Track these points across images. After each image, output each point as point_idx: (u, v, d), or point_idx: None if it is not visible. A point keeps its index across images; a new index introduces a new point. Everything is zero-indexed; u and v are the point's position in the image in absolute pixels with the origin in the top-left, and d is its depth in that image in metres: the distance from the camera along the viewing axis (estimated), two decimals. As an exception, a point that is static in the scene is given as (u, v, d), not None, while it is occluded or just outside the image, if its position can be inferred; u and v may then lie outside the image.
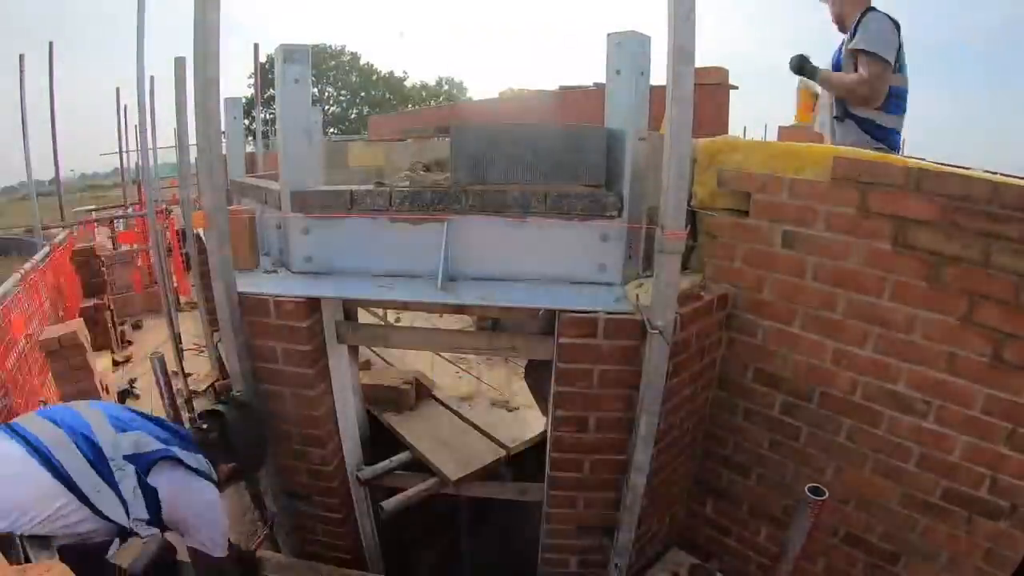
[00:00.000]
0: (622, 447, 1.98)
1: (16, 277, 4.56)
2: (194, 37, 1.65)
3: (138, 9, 3.63)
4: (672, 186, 1.53)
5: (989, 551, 1.80)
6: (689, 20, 1.39)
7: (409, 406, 2.64)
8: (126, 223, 10.84)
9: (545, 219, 2.02)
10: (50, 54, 8.32)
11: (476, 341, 2.35)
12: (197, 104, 1.72)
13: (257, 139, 10.45)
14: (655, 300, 1.64)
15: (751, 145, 2.16)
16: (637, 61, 1.91)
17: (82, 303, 6.34)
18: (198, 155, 1.83)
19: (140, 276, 7.88)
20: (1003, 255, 1.60)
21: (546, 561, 2.29)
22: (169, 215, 8.69)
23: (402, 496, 2.31)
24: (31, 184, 7.55)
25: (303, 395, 2.13)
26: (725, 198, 2.12)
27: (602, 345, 1.86)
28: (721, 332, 2.16)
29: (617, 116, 1.98)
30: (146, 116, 4.35)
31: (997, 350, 1.66)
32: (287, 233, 2.20)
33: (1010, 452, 1.70)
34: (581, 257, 2.06)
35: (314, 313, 2.07)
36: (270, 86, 9.06)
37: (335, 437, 2.29)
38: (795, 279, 1.98)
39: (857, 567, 2.08)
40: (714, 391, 2.28)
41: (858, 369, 1.91)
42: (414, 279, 2.11)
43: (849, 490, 2.02)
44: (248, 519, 2.90)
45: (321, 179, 2.37)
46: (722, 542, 2.45)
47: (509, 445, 2.40)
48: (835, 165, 1.83)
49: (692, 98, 1.47)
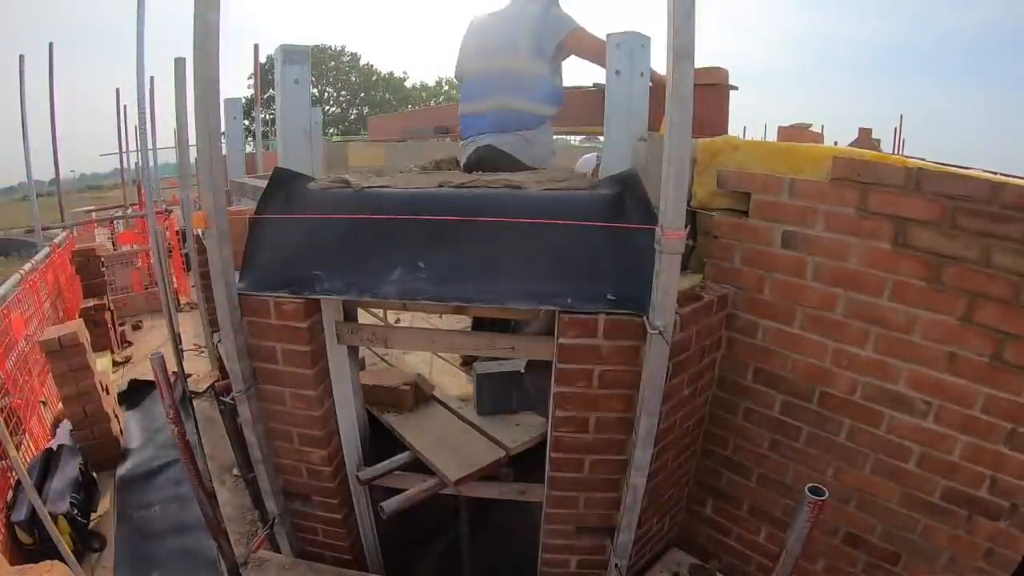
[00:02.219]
0: (622, 447, 1.98)
1: (16, 277, 4.56)
2: (194, 37, 1.65)
3: (138, 10, 3.63)
4: (672, 186, 1.53)
5: (989, 551, 1.80)
6: (689, 20, 1.39)
7: (409, 407, 2.63)
8: (126, 223, 10.85)
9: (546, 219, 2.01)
10: (50, 54, 8.30)
11: (476, 341, 2.35)
12: (197, 104, 1.72)
13: (257, 139, 10.44)
14: (655, 300, 1.63)
15: (751, 145, 2.16)
16: (637, 61, 1.91)
17: (82, 303, 6.34)
18: (198, 155, 1.83)
19: (140, 276, 7.88)
20: (1003, 255, 1.60)
21: (546, 561, 2.28)
22: (169, 215, 8.69)
23: (402, 496, 2.30)
24: (31, 184, 7.53)
25: (303, 395, 2.13)
26: (725, 198, 2.12)
27: (602, 345, 1.86)
28: (721, 332, 2.17)
29: (617, 116, 1.98)
30: (146, 116, 4.34)
31: (997, 350, 1.66)
32: (287, 233, 2.19)
33: (1010, 452, 1.70)
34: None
35: (314, 314, 2.07)
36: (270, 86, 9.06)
37: (335, 437, 2.29)
38: (795, 279, 1.98)
39: (857, 567, 2.08)
40: (714, 391, 2.28)
41: (858, 369, 1.91)
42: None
43: (849, 490, 2.02)
44: (248, 519, 2.90)
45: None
46: (722, 542, 2.45)
47: (509, 446, 2.40)
48: (835, 165, 1.83)
49: (692, 98, 1.47)
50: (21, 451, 3.49)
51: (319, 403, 2.15)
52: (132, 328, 6.96)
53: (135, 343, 6.51)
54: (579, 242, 1.88)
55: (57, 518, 2.96)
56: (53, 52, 8.27)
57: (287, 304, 2.00)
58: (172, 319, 4.25)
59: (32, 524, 2.91)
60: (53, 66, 8.29)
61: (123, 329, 6.72)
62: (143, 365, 5.75)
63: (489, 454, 2.37)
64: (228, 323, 1.96)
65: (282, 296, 2.00)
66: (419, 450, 2.39)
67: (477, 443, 2.45)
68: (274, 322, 2.02)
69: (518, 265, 1.91)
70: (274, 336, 2.05)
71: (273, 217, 2.09)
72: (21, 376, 4.08)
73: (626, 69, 1.92)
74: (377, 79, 39.48)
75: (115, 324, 6.41)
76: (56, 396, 4.33)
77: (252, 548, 2.26)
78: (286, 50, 2.07)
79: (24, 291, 4.73)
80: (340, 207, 2.03)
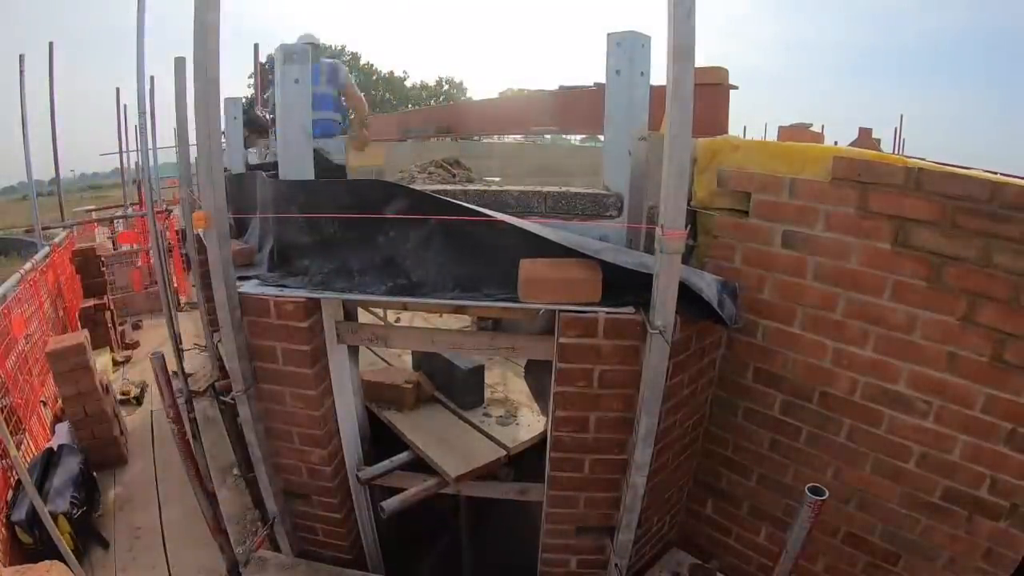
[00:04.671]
0: (622, 447, 1.98)
1: (16, 277, 4.55)
2: (194, 37, 1.65)
3: (138, 9, 3.63)
4: (672, 186, 1.53)
5: (989, 551, 1.80)
6: (689, 20, 1.39)
7: (410, 406, 2.64)
8: (126, 223, 10.84)
9: (545, 219, 2.02)
10: (50, 54, 8.29)
11: (476, 341, 2.35)
12: (197, 104, 1.72)
13: (257, 139, 10.40)
14: (655, 300, 1.63)
15: (751, 145, 2.16)
16: (637, 61, 1.91)
17: (82, 303, 6.34)
18: (198, 155, 1.83)
19: (140, 276, 7.88)
20: (1003, 255, 1.60)
21: (546, 561, 2.28)
22: (169, 215, 8.68)
23: (402, 496, 2.30)
24: (31, 184, 7.53)
25: (303, 395, 2.13)
26: (725, 198, 2.12)
27: (602, 345, 1.86)
28: (721, 332, 2.16)
29: (617, 116, 1.98)
30: (146, 116, 4.33)
31: (997, 350, 1.66)
32: (287, 233, 2.19)
33: (1010, 452, 1.70)
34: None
35: (314, 313, 2.07)
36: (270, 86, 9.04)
37: (335, 437, 2.29)
38: (795, 279, 1.98)
39: (857, 567, 2.08)
40: (714, 391, 2.28)
41: (858, 369, 1.91)
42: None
43: (849, 490, 2.02)
44: (248, 519, 2.90)
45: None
46: (722, 542, 2.45)
47: (509, 445, 2.40)
48: (835, 165, 1.83)
49: (692, 98, 1.47)
50: (21, 451, 3.49)
51: (319, 403, 2.15)
52: (132, 327, 6.96)
53: (135, 343, 6.50)
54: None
55: (57, 518, 2.96)
56: (53, 52, 8.26)
57: (287, 304, 2.00)
58: (172, 318, 4.25)
59: (32, 524, 2.91)
60: (53, 66, 8.27)
61: (123, 329, 6.71)
62: (143, 364, 5.75)
63: (489, 453, 2.37)
64: (228, 323, 1.96)
65: (282, 296, 2.00)
66: (419, 447, 2.39)
67: (477, 442, 2.45)
68: (274, 322, 2.02)
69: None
70: (274, 336, 2.05)
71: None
72: (21, 376, 4.07)
73: (626, 69, 1.92)
74: (377, 79, 39.43)
75: (115, 324, 6.40)
76: (56, 396, 4.33)
77: (252, 548, 2.26)
78: (286, 50, 2.07)
79: (24, 291, 4.73)
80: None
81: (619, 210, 1.98)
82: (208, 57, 1.67)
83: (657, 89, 1.79)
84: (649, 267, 1.67)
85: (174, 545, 3.26)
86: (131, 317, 7.25)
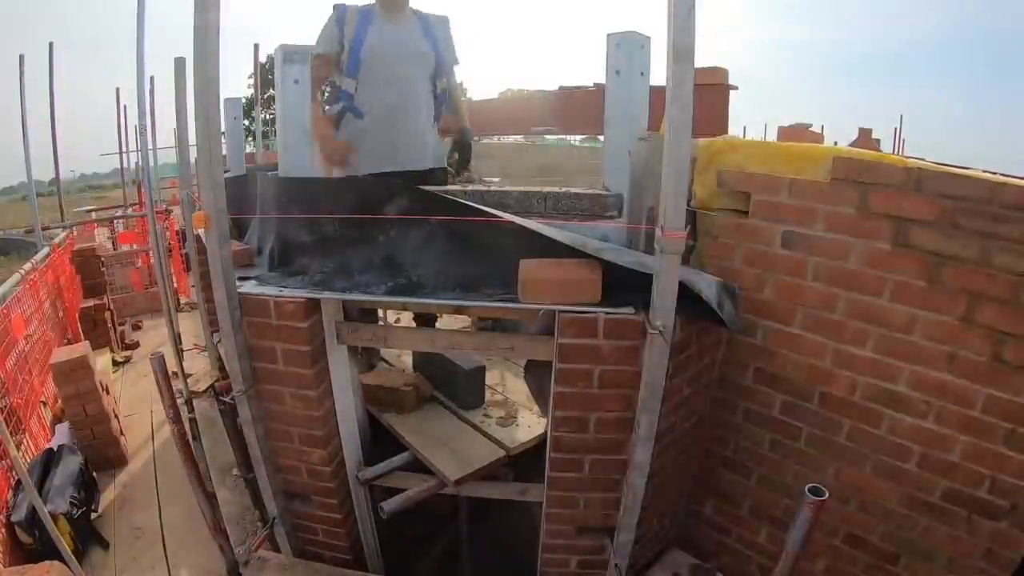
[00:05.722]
0: (622, 447, 1.98)
1: (16, 277, 4.55)
2: (194, 37, 1.65)
3: (138, 9, 3.63)
4: (672, 186, 1.53)
5: (989, 551, 1.80)
6: (689, 20, 1.39)
7: (410, 407, 2.63)
8: (126, 223, 10.84)
9: (545, 220, 2.02)
10: (50, 54, 8.29)
11: (476, 341, 2.35)
12: (197, 104, 1.72)
13: (257, 139, 10.45)
14: (655, 300, 1.63)
15: (751, 145, 2.16)
16: (637, 61, 1.91)
17: (82, 303, 6.34)
18: (198, 155, 1.83)
19: (140, 276, 7.88)
20: (1003, 255, 1.60)
21: (546, 561, 2.28)
22: (169, 215, 8.69)
23: (402, 496, 2.30)
24: (31, 184, 7.52)
25: (303, 396, 2.13)
26: (725, 198, 2.12)
27: (602, 345, 1.86)
28: (721, 332, 2.16)
29: (617, 116, 1.98)
30: (146, 116, 4.34)
31: (997, 350, 1.66)
32: (287, 233, 2.19)
33: (1010, 452, 1.70)
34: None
35: (314, 314, 2.07)
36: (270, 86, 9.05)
37: (335, 438, 2.29)
38: (795, 279, 1.98)
39: (857, 567, 2.08)
40: (714, 391, 2.28)
41: (858, 369, 1.91)
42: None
43: (849, 490, 2.02)
44: (248, 519, 2.90)
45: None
46: (722, 542, 2.45)
47: (509, 446, 2.40)
48: (835, 165, 1.83)
49: (692, 98, 1.47)
50: (21, 451, 3.49)
51: (319, 403, 2.15)
52: (132, 328, 6.96)
53: (135, 343, 6.50)
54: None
55: (57, 518, 2.96)
56: (53, 52, 8.26)
57: (287, 304, 2.00)
58: (172, 319, 4.25)
59: (32, 524, 2.91)
60: (53, 66, 8.27)
61: (123, 329, 6.72)
62: (143, 364, 5.75)
63: (489, 454, 2.37)
64: (228, 323, 1.96)
65: (282, 296, 2.00)
66: (418, 450, 2.39)
67: (477, 443, 2.45)
68: (274, 322, 2.02)
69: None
70: (274, 336, 2.05)
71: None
72: (21, 376, 4.08)
73: (626, 69, 1.92)
74: (377, 79, 39.50)
75: (115, 324, 6.40)
76: (56, 396, 4.33)
77: (252, 548, 2.26)
78: (286, 50, 2.07)
79: (24, 291, 4.73)
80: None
81: (619, 210, 1.98)
82: (208, 57, 1.67)
83: (657, 89, 1.79)
84: (649, 267, 1.67)
85: (174, 545, 3.26)
86: (131, 317, 7.25)
